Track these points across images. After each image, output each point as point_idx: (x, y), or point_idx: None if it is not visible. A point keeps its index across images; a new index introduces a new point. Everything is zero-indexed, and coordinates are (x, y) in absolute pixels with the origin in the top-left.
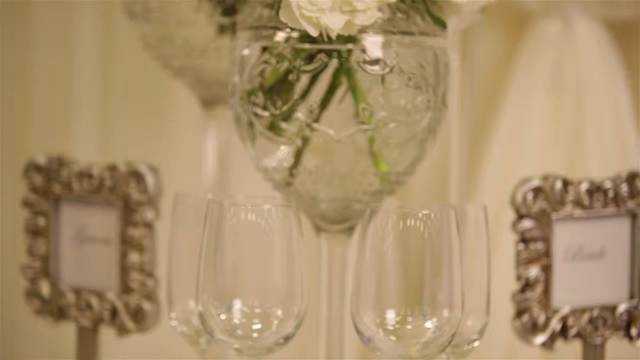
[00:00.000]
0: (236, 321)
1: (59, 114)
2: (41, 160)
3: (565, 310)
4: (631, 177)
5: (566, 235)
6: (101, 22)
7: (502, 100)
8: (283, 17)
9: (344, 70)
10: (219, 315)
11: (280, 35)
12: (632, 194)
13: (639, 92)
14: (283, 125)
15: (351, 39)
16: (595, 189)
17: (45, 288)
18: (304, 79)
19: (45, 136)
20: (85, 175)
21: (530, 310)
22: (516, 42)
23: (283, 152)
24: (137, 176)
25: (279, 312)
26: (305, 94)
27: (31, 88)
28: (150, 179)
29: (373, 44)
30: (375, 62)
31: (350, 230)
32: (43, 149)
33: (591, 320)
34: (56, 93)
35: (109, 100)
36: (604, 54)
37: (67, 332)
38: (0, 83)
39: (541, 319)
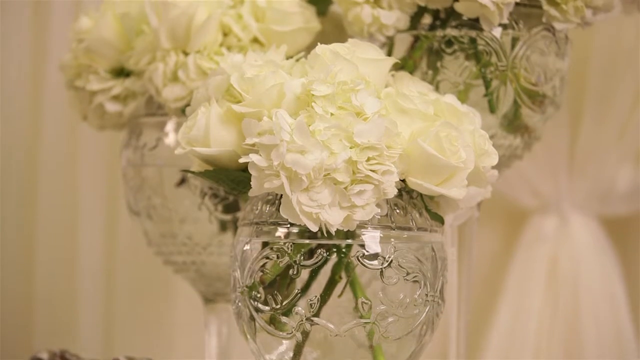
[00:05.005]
0: None
1: (63, 309)
2: (44, 356)
3: None
4: None
5: None
6: (105, 218)
7: (500, 293)
8: (283, 213)
9: (344, 265)
10: None
11: (280, 231)
12: None
13: (634, 286)
14: (284, 319)
15: (350, 234)
16: None
17: None
18: (304, 274)
19: (49, 332)
20: None
21: None
22: (512, 236)
23: (284, 346)
24: None
25: None
26: (305, 288)
27: (35, 283)
28: None
29: (372, 239)
30: (374, 256)
31: None
32: (46, 345)
33: None
34: (60, 288)
35: (112, 295)
36: (599, 249)
37: None
38: (4, 278)
39: None
